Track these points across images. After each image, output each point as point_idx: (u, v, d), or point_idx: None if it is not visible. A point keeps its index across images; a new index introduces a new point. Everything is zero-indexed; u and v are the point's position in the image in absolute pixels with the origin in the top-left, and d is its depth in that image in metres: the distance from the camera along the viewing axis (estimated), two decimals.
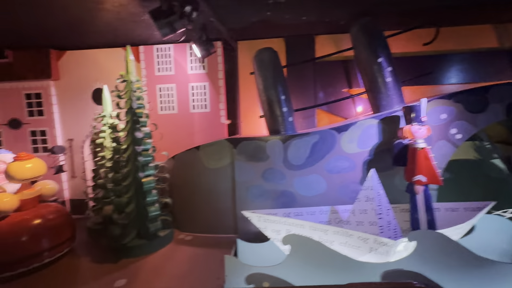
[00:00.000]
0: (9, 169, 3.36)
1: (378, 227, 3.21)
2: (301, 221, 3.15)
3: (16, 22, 4.29)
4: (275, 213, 3.60)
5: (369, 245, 2.89)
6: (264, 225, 3.36)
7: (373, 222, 3.24)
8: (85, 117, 5.57)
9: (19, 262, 3.25)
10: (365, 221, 3.32)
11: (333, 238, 3.05)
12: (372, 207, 3.25)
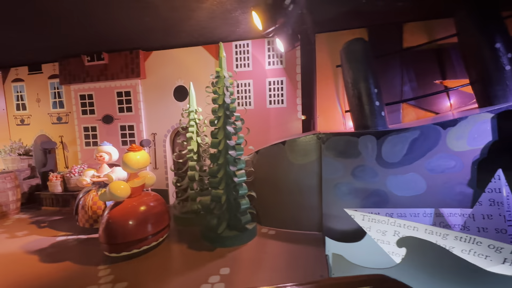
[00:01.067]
0: (125, 159, 3.71)
1: (508, 235, 2.83)
2: (414, 223, 2.92)
3: (115, 28, 4.73)
4: (377, 213, 3.41)
5: (503, 255, 2.55)
6: (368, 224, 3.19)
7: (501, 229, 2.87)
8: (167, 113, 5.98)
9: (132, 244, 3.58)
10: (490, 227, 2.94)
11: (454, 244, 2.77)
12: (500, 212, 2.87)
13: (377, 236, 3.17)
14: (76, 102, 6.44)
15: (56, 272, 3.40)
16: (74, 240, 4.35)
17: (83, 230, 4.66)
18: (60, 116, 6.81)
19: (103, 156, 4.83)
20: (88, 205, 4.54)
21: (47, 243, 4.27)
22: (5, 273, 3.42)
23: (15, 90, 7.09)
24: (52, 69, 6.70)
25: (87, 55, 6.01)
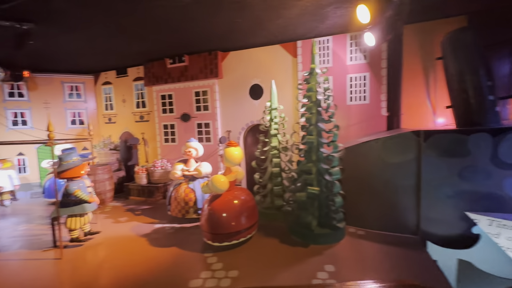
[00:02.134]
0: (227, 154, 3.92)
1: None
2: None
3: (198, 31, 5.00)
4: (505, 218, 3.08)
5: None
6: (497, 231, 2.90)
7: None
8: (242, 111, 6.19)
9: (233, 235, 3.77)
10: None
11: None
12: None
13: (508, 244, 2.86)
14: (157, 102, 7.01)
15: (169, 255, 3.72)
16: (171, 228, 4.73)
17: (176, 219, 5.04)
18: (142, 115, 7.49)
19: (191, 151, 5.17)
20: (180, 196, 4.90)
21: (149, 229, 4.71)
22: (130, 253, 3.84)
23: (105, 92, 7.99)
24: (136, 72, 7.39)
25: (170, 58, 6.50)
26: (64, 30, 4.67)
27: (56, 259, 3.68)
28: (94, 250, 3.98)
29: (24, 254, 3.92)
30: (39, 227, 5.03)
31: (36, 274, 3.38)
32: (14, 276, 3.34)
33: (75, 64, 7.14)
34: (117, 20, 4.36)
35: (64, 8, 3.83)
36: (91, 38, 5.12)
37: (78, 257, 3.77)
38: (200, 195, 4.92)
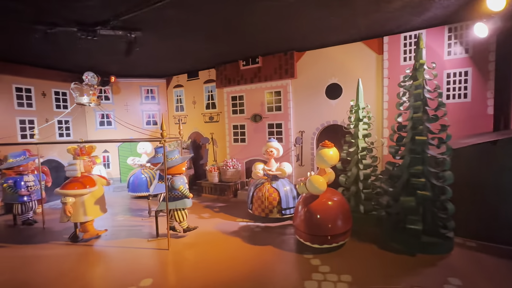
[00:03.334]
0: (323, 154, 3.86)
1: None
2: None
3: (275, 32, 5.00)
4: None
5: None
6: None
7: None
8: (316, 111, 6.07)
9: (335, 237, 3.67)
10: None
11: None
12: None
13: None
14: (228, 103, 7.24)
15: (268, 254, 3.75)
16: (256, 227, 4.80)
17: (258, 218, 5.11)
18: (212, 115, 7.80)
19: (273, 151, 5.21)
20: (264, 196, 4.95)
21: (235, 226, 4.84)
22: (230, 248, 3.97)
23: (176, 94, 8.51)
24: (207, 75, 7.73)
25: (243, 60, 6.66)
26: (163, 37, 5.03)
27: (164, 250, 3.95)
28: (196, 243, 4.18)
29: (132, 242, 4.28)
30: (133, 219, 5.48)
31: (148, 261, 3.65)
32: (132, 263, 3.64)
33: (153, 69, 7.71)
34: (215, 25, 4.55)
35: (172, 15, 4.12)
36: (181, 43, 5.43)
37: (183, 249, 4.00)
38: (284, 195, 4.93)
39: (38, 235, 4.70)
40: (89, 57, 6.18)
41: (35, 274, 3.42)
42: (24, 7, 3.59)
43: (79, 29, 4.27)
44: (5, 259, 3.81)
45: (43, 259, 3.80)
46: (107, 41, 4.88)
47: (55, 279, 3.29)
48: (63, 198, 4.00)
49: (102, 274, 3.40)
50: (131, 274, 3.32)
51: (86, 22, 4.18)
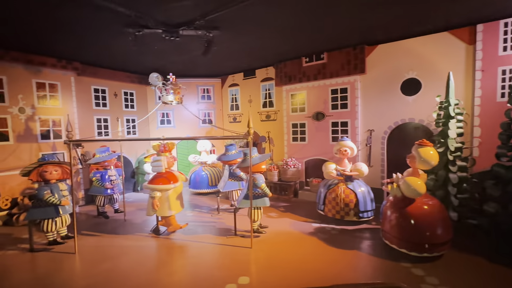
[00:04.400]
0: (424, 154, 3.54)
1: None
2: None
3: (344, 26, 4.72)
4: None
5: None
6: None
7: None
8: (389, 108, 5.67)
9: (436, 246, 3.34)
10: None
11: None
12: None
13: None
14: (287, 101, 7.11)
15: (355, 258, 3.55)
16: (331, 229, 4.60)
17: (332, 220, 4.91)
18: (269, 114, 7.75)
19: (347, 150, 4.96)
20: (340, 197, 4.73)
21: (308, 227, 4.69)
22: (311, 251, 3.84)
23: (231, 93, 8.61)
24: (265, 74, 7.69)
25: (307, 56, 6.49)
26: (234, 36, 5.05)
27: (246, 248, 3.94)
28: (276, 242, 4.11)
29: (211, 238, 4.35)
30: (202, 215, 5.60)
31: (236, 259, 3.65)
32: (220, 259, 3.67)
33: (211, 68, 7.87)
34: (289, 20, 4.45)
35: (252, 13, 4.08)
36: (249, 41, 5.42)
37: (265, 248, 3.95)
38: (362, 197, 4.66)
39: (122, 226, 5.00)
40: (156, 58, 6.48)
41: (134, 263, 3.60)
42: (124, 10, 3.80)
43: (164, 30, 4.44)
44: (104, 248, 4.08)
45: (136, 250, 4.00)
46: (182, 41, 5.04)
47: (153, 270, 3.43)
48: (152, 192, 4.18)
49: (196, 269, 3.45)
50: (226, 271, 3.33)
51: (173, 23, 4.32)
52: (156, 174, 4.44)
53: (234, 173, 5.38)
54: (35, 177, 3.91)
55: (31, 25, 4.31)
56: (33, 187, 5.79)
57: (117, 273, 3.37)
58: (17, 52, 5.38)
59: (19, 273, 3.44)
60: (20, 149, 5.56)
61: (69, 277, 3.33)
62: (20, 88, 5.55)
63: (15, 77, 5.47)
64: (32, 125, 5.74)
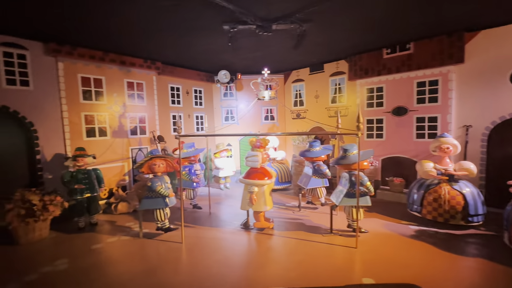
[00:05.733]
0: None
1: None
2: None
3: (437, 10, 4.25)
4: None
5: None
6: None
7: None
8: (493, 101, 5.06)
9: None
10: None
11: None
12: None
13: None
14: (362, 95, 6.77)
15: (483, 266, 3.20)
16: (435, 232, 4.24)
17: (432, 223, 4.54)
18: (339, 109, 7.47)
19: (449, 148, 4.54)
20: (444, 198, 4.35)
21: (406, 229, 4.38)
22: (419, 256, 3.56)
23: (294, 89, 8.49)
24: (335, 68, 7.42)
25: (388, 47, 6.09)
26: (319, 28, 4.88)
27: (351, 248, 3.79)
28: (378, 244, 3.91)
29: (305, 235, 4.27)
30: (282, 211, 5.57)
31: (346, 258, 3.53)
32: (328, 258, 3.57)
33: (276, 64, 7.80)
34: (379, 8, 4.16)
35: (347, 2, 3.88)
36: (330, 33, 5.21)
37: (370, 249, 3.77)
38: (472, 199, 4.23)
39: (210, 220, 5.17)
40: (229, 56, 6.58)
41: (243, 256, 3.68)
42: (229, 6, 3.85)
43: (259, 25, 4.44)
44: (206, 239, 4.23)
45: (238, 243, 4.09)
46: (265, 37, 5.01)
47: (265, 264, 3.45)
48: (250, 187, 4.24)
49: (311, 266, 3.39)
50: (344, 271, 3.22)
51: (271, 17, 4.30)
52: (250, 169, 4.49)
53: (319, 170, 5.25)
54: (146, 170, 4.19)
55: (128, 27, 4.59)
56: (125, 179, 6.31)
57: (228, 265, 3.45)
58: (114, 54, 5.84)
59: (133, 258, 3.71)
60: (115, 144, 6.05)
61: (185, 267, 3.48)
62: (115, 87, 6.02)
63: (112, 77, 5.95)
64: (124, 121, 6.21)
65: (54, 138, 5.18)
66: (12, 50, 4.66)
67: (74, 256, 3.75)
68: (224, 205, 6.06)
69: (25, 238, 4.15)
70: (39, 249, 4.00)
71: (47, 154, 5.11)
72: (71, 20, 4.24)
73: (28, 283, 3.13)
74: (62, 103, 5.23)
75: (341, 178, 4.37)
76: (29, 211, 4.10)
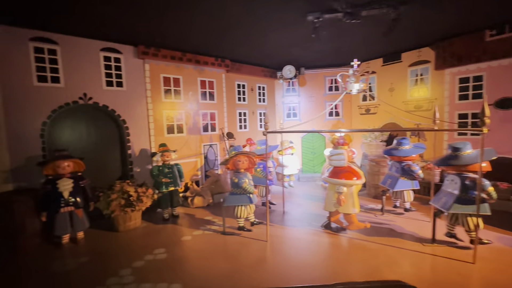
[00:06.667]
0: None
1: None
2: None
3: None
4: None
5: None
6: None
7: None
8: None
9: None
10: None
11: None
12: None
13: None
14: (451, 87, 5.92)
15: None
16: None
17: None
18: (419, 103, 6.68)
19: None
20: None
21: None
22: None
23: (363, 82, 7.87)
24: (416, 56, 6.64)
25: (492, 28, 5.17)
26: (428, 6, 4.28)
27: (468, 263, 3.26)
28: (502, 262, 3.30)
29: (401, 243, 3.83)
30: (361, 213, 5.16)
31: (463, 275, 3.03)
32: (443, 273, 3.11)
33: (342, 56, 7.28)
34: None
35: None
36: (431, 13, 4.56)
37: (495, 267, 3.19)
38: None
39: (286, 219, 5.02)
40: (296, 49, 6.34)
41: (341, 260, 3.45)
42: None
43: (346, 13, 4.11)
44: (295, 240, 4.09)
45: (326, 246, 3.86)
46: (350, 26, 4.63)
47: (366, 272, 3.15)
48: (338, 187, 3.96)
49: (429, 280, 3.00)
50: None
51: (362, 2, 3.94)
52: (334, 168, 4.20)
53: (409, 171, 4.70)
54: (231, 166, 4.22)
55: (208, 25, 4.64)
56: (197, 174, 6.57)
57: (318, 269, 3.24)
58: (190, 54, 6.08)
59: (220, 253, 3.73)
60: (190, 140, 6.32)
61: (271, 266, 3.37)
62: (190, 86, 6.28)
63: (187, 76, 6.22)
64: (197, 119, 6.46)
65: (141, 135, 5.59)
66: (110, 54, 5.12)
67: (169, 246, 3.94)
68: (294, 204, 5.88)
69: (123, 226, 4.54)
70: (136, 237, 4.33)
71: (135, 149, 5.54)
72: (159, 24, 4.47)
73: (137, 269, 3.36)
74: (148, 102, 5.62)
75: (446, 180, 3.80)
76: (127, 202, 4.46)
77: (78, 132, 4.95)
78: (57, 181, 3.87)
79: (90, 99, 4.93)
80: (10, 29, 4.17)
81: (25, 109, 4.35)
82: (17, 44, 4.25)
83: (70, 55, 4.69)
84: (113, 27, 4.54)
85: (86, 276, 3.25)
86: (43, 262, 3.59)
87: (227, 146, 6.95)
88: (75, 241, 4.13)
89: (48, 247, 4.01)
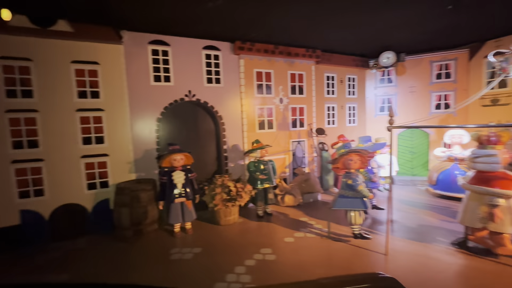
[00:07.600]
0: None
1: None
2: None
3: None
4: None
5: None
6: None
7: None
8: None
9: None
10: None
11: None
12: None
13: None
14: None
15: None
16: None
17: None
18: None
19: None
20: None
21: None
22: None
23: (488, 66, 6.31)
24: None
25: None
26: None
27: None
28: None
29: None
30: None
31: None
32: None
33: (460, 35, 5.92)
34: None
35: None
36: None
37: None
38: None
39: (399, 230, 4.31)
40: (396, 32, 5.38)
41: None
42: None
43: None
44: (415, 257, 3.43)
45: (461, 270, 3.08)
46: None
47: None
48: (491, 198, 3.10)
49: None
50: None
51: None
52: (478, 174, 3.31)
53: None
54: (341, 166, 3.78)
55: (301, 12, 4.22)
56: (285, 171, 6.35)
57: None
58: (282, 46, 5.85)
59: (332, 262, 3.32)
60: (279, 136, 6.13)
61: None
62: (280, 80, 6.07)
63: (278, 70, 6.01)
64: (286, 114, 6.21)
65: (235, 131, 5.65)
66: (210, 52, 5.28)
67: (274, 246, 3.77)
68: (399, 212, 5.05)
69: (224, 220, 4.62)
70: (237, 232, 4.34)
71: (229, 145, 5.64)
72: (260, 15, 4.30)
73: (251, 268, 3.26)
74: (241, 97, 5.63)
75: None
76: (228, 196, 4.51)
77: (178, 128, 5.26)
78: (172, 173, 4.13)
79: (194, 95, 5.18)
80: (134, 34, 4.64)
81: (145, 107, 4.82)
82: (139, 48, 4.71)
83: (178, 55, 4.99)
84: (215, 23, 4.59)
85: (204, 268, 3.31)
86: (163, 248, 3.87)
87: (315, 143, 6.52)
88: (184, 231, 4.37)
89: (163, 234, 4.36)
